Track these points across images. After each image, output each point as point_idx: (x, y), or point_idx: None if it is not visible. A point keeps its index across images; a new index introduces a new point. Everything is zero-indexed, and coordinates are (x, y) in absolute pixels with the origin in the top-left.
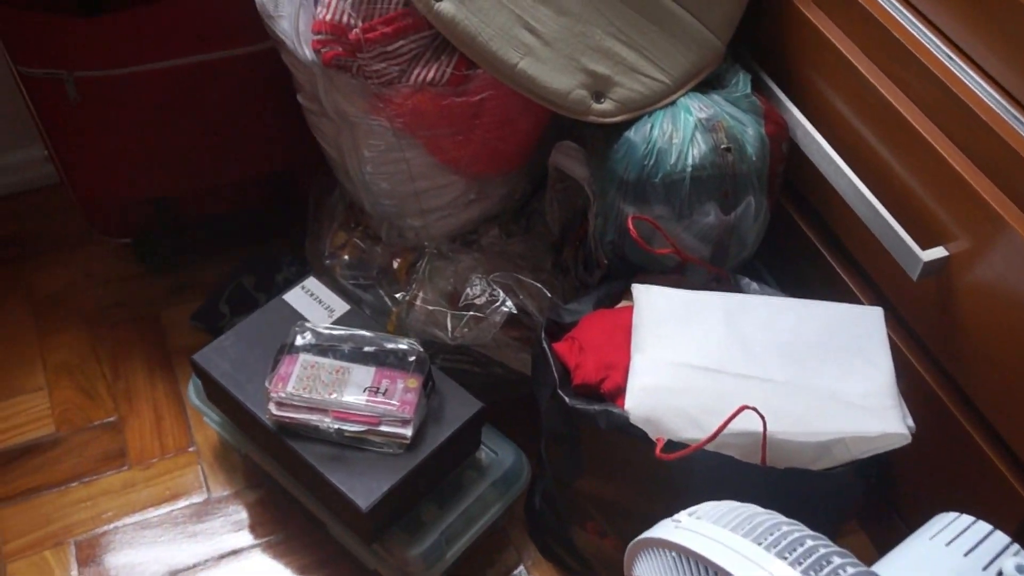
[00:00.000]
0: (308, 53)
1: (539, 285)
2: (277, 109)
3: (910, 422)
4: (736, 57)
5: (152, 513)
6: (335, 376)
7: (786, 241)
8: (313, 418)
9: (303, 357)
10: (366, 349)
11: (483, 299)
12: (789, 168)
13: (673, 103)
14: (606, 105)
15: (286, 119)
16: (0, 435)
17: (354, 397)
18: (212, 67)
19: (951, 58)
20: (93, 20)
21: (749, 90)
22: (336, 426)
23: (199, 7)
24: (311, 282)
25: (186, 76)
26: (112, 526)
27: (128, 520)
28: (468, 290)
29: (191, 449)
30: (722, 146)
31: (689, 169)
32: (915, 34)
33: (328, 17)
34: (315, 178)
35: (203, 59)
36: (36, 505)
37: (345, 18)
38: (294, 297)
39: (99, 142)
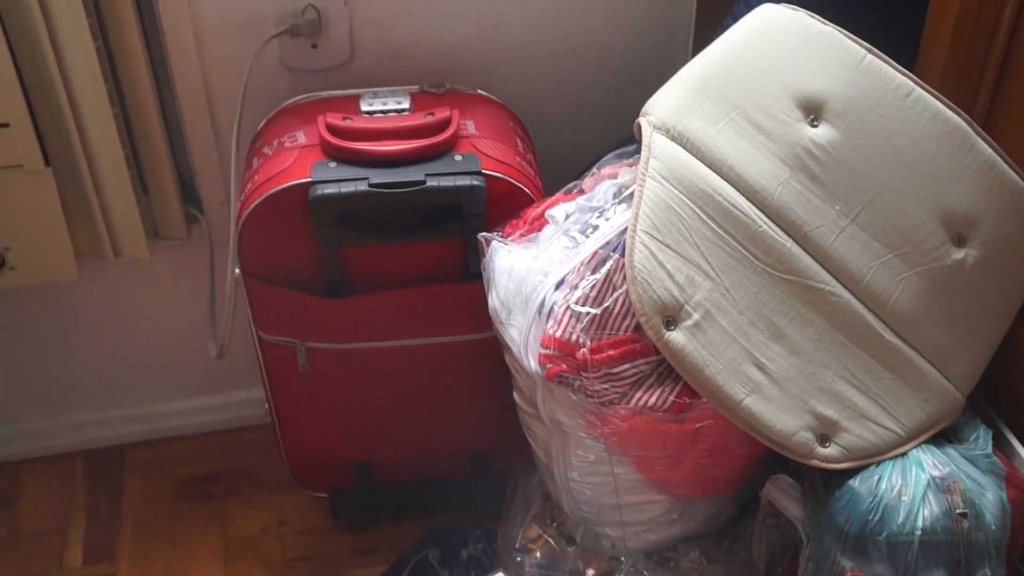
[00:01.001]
0: (533, 364)
1: None
2: (488, 393)
3: None
4: (976, 410)
5: None
6: None
7: None
8: None
9: None
10: None
11: None
12: None
13: (904, 455)
14: (831, 450)
15: (496, 402)
16: None
17: None
18: (438, 349)
19: None
20: (334, 301)
21: (989, 449)
22: None
23: (429, 299)
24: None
25: (407, 355)
26: None
27: None
28: None
29: None
30: (957, 511)
31: (919, 532)
32: None
33: (558, 334)
34: (517, 463)
35: (431, 342)
36: None
37: (575, 336)
38: None
39: (316, 404)
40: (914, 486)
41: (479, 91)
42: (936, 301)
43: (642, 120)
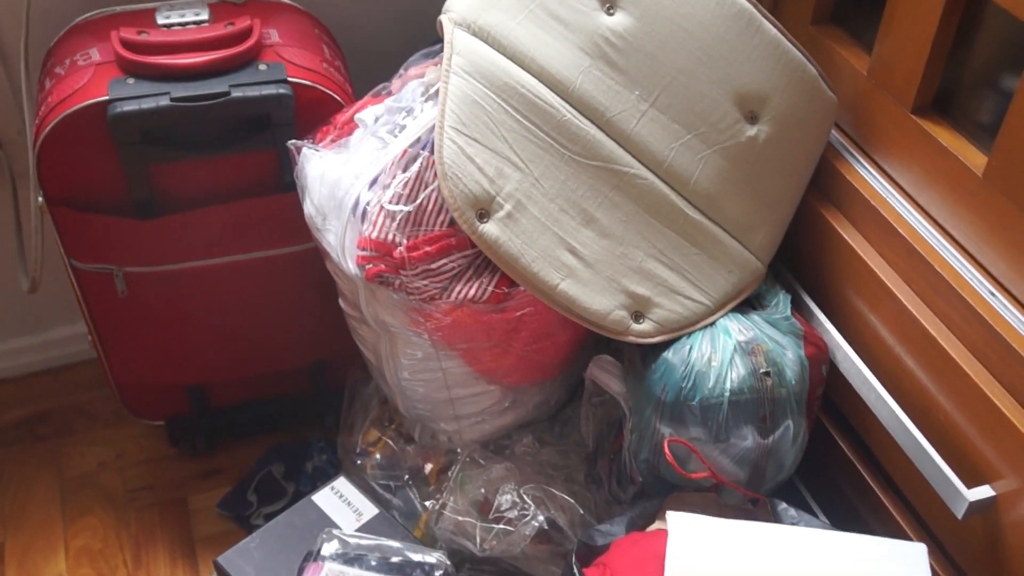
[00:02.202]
0: (352, 267)
1: (571, 500)
2: (315, 305)
3: None
4: (776, 277)
5: None
6: None
7: (829, 462)
8: None
9: (328, 566)
10: (393, 559)
11: (514, 512)
12: (831, 389)
13: (712, 324)
14: (645, 326)
15: (324, 314)
16: None
17: None
18: (260, 264)
19: (995, 295)
20: (147, 223)
21: (789, 312)
22: None
23: (246, 213)
24: (341, 483)
25: (228, 273)
26: None
27: None
28: (499, 500)
29: None
30: (761, 370)
31: (727, 394)
32: (958, 269)
33: (374, 235)
34: (351, 371)
35: (251, 257)
36: None
37: (390, 236)
38: (323, 498)
39: (141, 331)
40: (722, 352)
41: (282, 0)
42: (734, 177)
43: (443, 17)
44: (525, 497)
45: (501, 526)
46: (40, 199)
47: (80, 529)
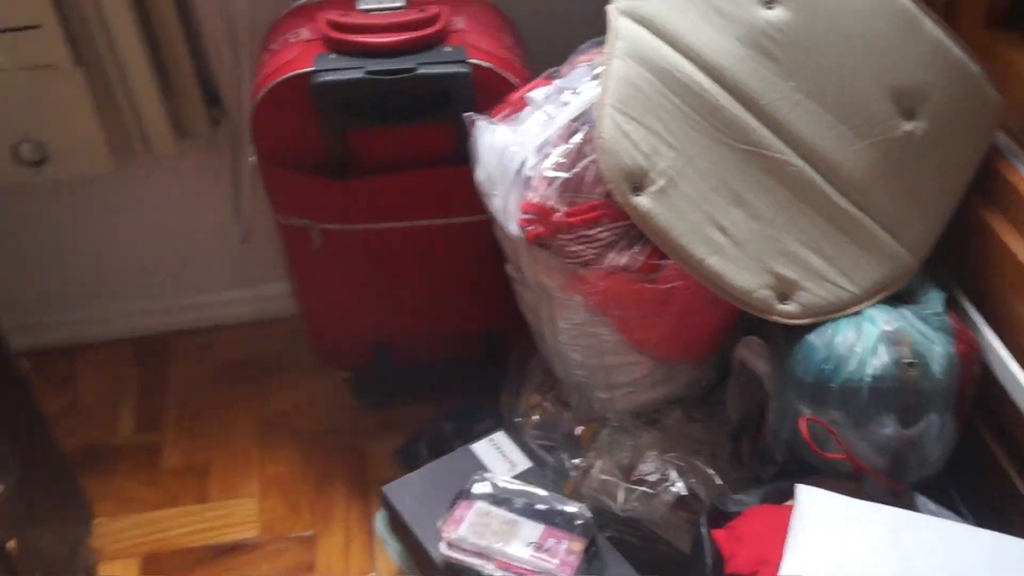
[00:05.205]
0: (515, 229)
1: (711, 472)
2: (493, 275)
3: None
4: (931, 274)
5: None
6: (504, 527)
7: (981, 465)
8: (477, 563)
9: (478, 504)
10: (537, 506)
11: (655, 476)
12: (986, 393)
13: (858, 313)
14: (791, 307)
15: (496, 285)
16: (213, 531)
17: (519, 550)
18: (439, 231)
19: None
20: (341, 183)
21: (941, 309)
22: (497, 574)
23: (426, 182)
24: (499, 436)
25: (415, 236)
26: None
27: None
28: (642, 466)
29: (372, 574)
30: (905, 360)
31: (868, 380)
32: None
33: (536, 199)
34: (519, 340)
35: (432, 223)
36: None
37: (551, 202)
38: (481, 448)
39: (333, 284)
40: (866, 339)
41: None
42: (887, 170)
43: (610, 7)
44: (668, 464)
45: (643, 489)
46: (253, 158)
47: (273, 460)
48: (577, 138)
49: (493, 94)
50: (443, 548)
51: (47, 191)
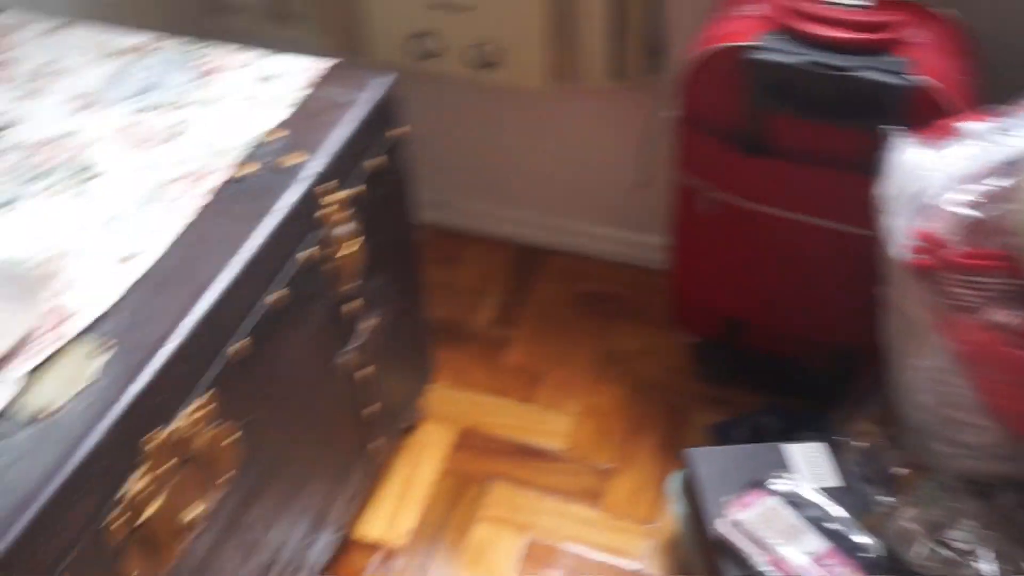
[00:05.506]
0: (897, 250)
1: None
2: (865, 291)
3: None
4: None
5: (597, 556)
6: (789, 529)
7: None
8: (750, 550)
9: (771, 499)
10: (828, 525)
11: (967, 547)
12: None
13: None
14: None
15: (869, 303)
16: (526, 431)
17: (796, 556)
18: (827, 233)
19: None
20: (748, 159)
21: None
22: (767, 569)
23: (828, 183)
24: (817, 447)
25: (803, 232)
26: (563, 546)
27: (576, 550)
28: (956, 531)
29: (654, 525)
30: None
31: None
32: None
33: (933, 228)
34: (871, 365)
35: (823, 224)
36: (521, 494)
37: (949, 236)
38: (795, 451)
39: (709, 252)
40: None
41: (952, 12)
42: None
43: None
44: (986, 542)
45: (949, 553)
46: (671, 113)
47: (600, 391)
48: (1004, 182)
49: (925, 113)
50: (721, 525)
51: (492, 93)
